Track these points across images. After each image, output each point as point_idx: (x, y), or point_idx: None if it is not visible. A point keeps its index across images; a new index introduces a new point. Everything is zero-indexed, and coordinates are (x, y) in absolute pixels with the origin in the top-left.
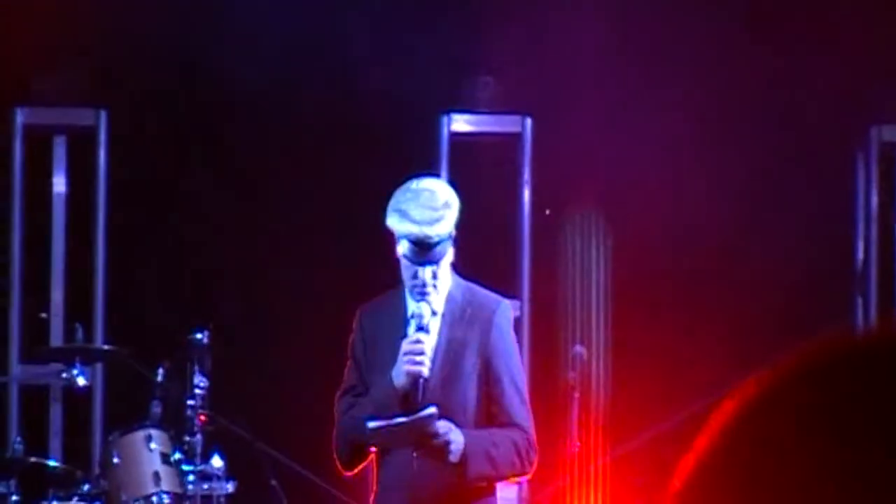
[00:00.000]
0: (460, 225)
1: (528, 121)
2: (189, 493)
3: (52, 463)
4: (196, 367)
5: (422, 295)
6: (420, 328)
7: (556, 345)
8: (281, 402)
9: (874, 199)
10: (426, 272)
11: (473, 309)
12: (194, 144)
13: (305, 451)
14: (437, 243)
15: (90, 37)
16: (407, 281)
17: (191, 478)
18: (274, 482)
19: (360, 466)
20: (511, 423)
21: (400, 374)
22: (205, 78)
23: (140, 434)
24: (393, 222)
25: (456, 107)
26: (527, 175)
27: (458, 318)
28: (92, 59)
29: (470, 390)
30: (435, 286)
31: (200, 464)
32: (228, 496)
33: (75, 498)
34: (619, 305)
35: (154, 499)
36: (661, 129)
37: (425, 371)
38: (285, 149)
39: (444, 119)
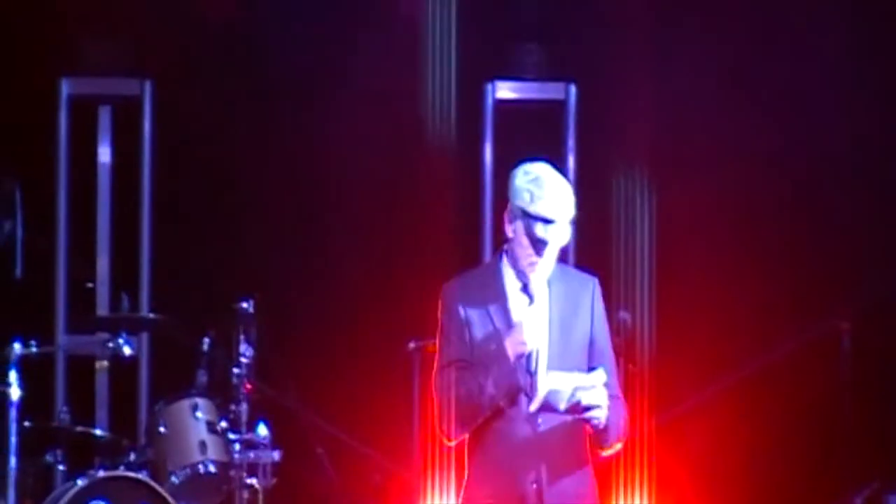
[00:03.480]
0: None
1: (573, 87)
2: (235, 462)
3: (98, 432)
4: (242, 336)
5: (537, 273)
6: (531, 301)
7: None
8: (326, 371)
9: None
10: (550, 251)
11: (574, 286)
12: (240, 113)
13: (351, 420)
14: (563, 223)
15: (135, 7)
16: (523, 258)
17: (236, 446)
18: (320, 450)
19: (466, 435)
20: (613, 395)
21: (516, 344)
22: (250, 47)
23: (186, 403)
24: (525, 201)
25: (501, 74)
26: (571, 142)
27: (563, 295)
28: (136, 29)
29: (580, 363)
30: (545, 265)
31: (246, 432)
32: (274, 464)
33: (122, 467)
34: (664, 270)
35: (200, 467)
36: (707, 92)
37: (539, 343)
38: (334, 117)
39: (489, 86)
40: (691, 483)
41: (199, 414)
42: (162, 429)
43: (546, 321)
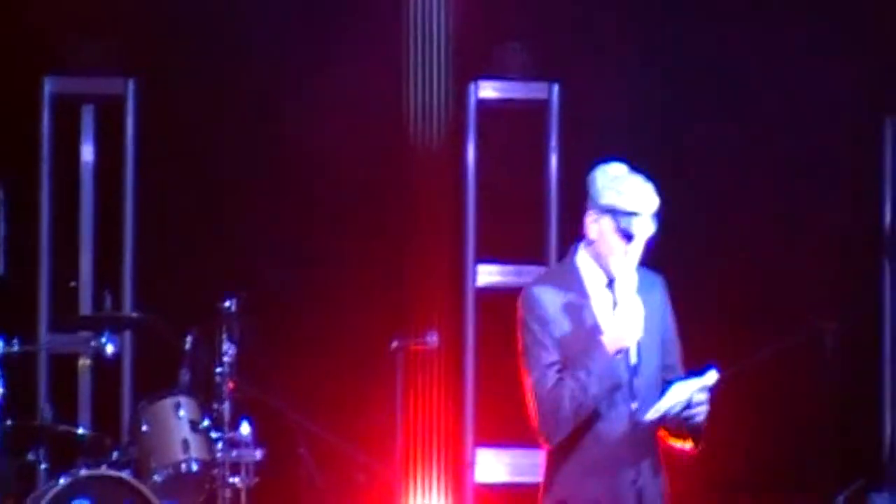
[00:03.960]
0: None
1: (556, 87)
2: (218, 461)
3: (81, 431)
4: (225, 335)
5: (627, 267)
6: (615, 299)
7: None
8: (310, 370)
9: None
10: (638, 246)
11: (645, 284)
12: (224, 112)
13: (334, 419)
14: (652, 215)
15: (119, 6)
16: (613, 254)
17: (219, 445)
18: (302, 449)
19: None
20: None
21: (615, 340)
22: (233, 45)
23: (169, 401)
24: (612, 199)
25: (484, 73)
26: (554, 142)
27: (642, 294)
28: (120, 28)
29: (658, 359)
30: (636, 260)
31: (229, 431)
32: (257, 463)
33: (104, 465)
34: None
35: (183, 466)
36: (688, 94)
37: (636, 336)
38: (318, 116)
39: (472, 86)
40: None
41: (181, 412)
42: (145, 427)
43: (641, 316)
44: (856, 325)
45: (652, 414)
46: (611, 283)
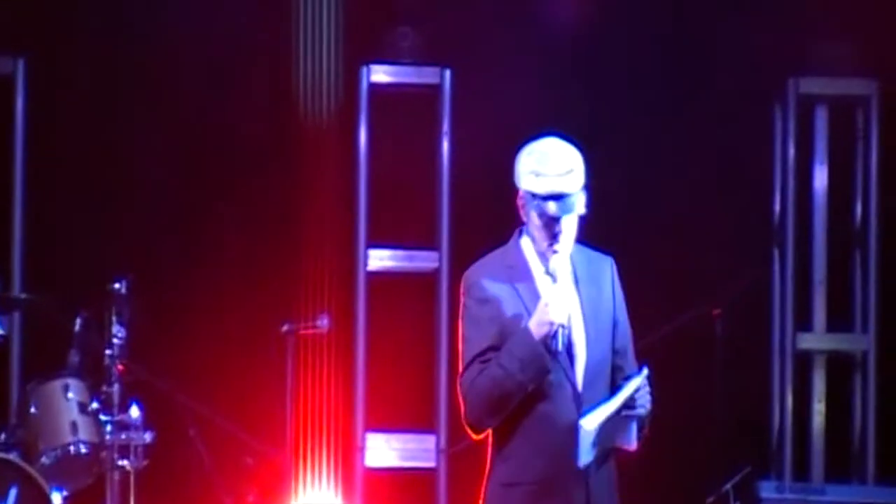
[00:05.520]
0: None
1: (448, 72)
2: (107, 443)
3: None
4: (115, 317)
5: (555, 251)
6: (554, 280)
7: None
8: (201, 353)
9: (791, 152)
10: (562, 227)
11: (593, 265)
12: (115, 91)
13: (224, 402)
14: (572, 195)
15: None
16: (541, 239)
17: (108, 427)
18: (192, 432)
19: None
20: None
21: (541, 324)
22: (123, 24)
23: (58, 383)
24: (529, 184)
25: (376, 56)
26: (446, 126)
27: (586, 275)
28: (10, 4)
29: (608, 344)
30: (567, 241)
31: (118, 413)
32: (146, 446)
33: None
34: None
35: (71, 448)
36: (583, 77)
37: (565, 320)
38: (210, 96)
39: (364, 70)
40: None
41: (70, 394)
42: (33, 409)
43: (576, 301)
44: (745, 311)
45: (589, 422)
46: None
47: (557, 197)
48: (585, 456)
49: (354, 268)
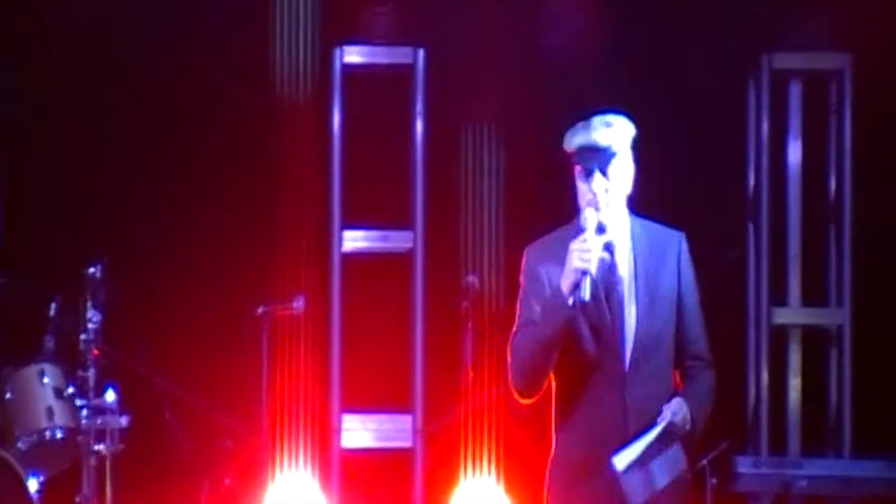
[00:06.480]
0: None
1: (421, 52)
2: (83, 428)
3: None
4: (90, 302)
5: (597, 207)
6: (601, 230)
7: (451, 275)
8: (176, 336)
9: (765, 127)
10: (598, 182)
11: (659, 240)
12: (86, 72)
13: (201, 385)
14: (606, 149)
15: None
16: (582, 198)
17: (84, 412)
18: (168, 416)
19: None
20: (700, 356)
21: (566, 274)
22: (97, 4)
23: (33, 369)
24: (566, 141)
25: (350, 37)
26: (419, 107)
27: (647, 250)
28: None
29: (668, 321)
30: (608, 203)
31: (94, 398)
32: (122, 430)
33: None
34: (512, 234)
35: (47, 433)
36: (554, 58)
37: (592, 268)
38: (183, 79)
39: (337, 51)
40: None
41: (46, 380)
42: (8, 395)
43: (630, 274)
44: (720, 287)
45: (621, 460)
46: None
47: (590, 149)
48: (636, 496)
49: (329, 249)
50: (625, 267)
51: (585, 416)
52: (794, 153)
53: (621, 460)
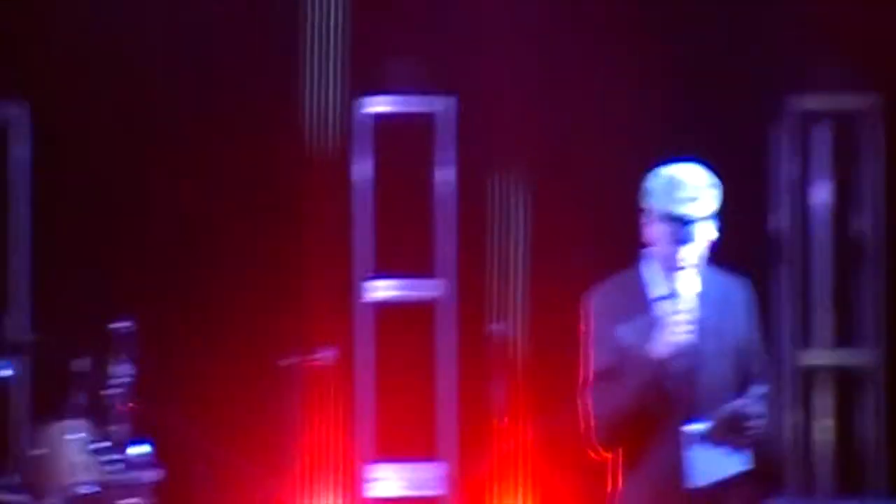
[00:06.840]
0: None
1: (450, 100)
2: (114, 483)
3: None
4: (120, 356)
5: (682, 268)
6: (677, 298)
7: (480, 323)
8: (208, 390)
9: (793, 169)
10: (695, 252)
11: (723, 287)
12: (116, 132)
13: (233, 437)
14: (704, 218)
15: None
16: (668, 261)
17: (116, 466)
18: (202, 468)
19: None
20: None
21: (663, 344)
22: (126, 58)
23: (64, 424)
24: (662, 205)
25: (377, 88)
26: (447, 155)
27: (713, 296)
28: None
29: (730, 369)
30: (695, 265)
31: (126, 452)
32: (155, 484)
33: (1, 490)
34: (542, 280)
35: (79, 489)
36: (584, 101)
37: (690, 340)
38: (213, 136)
39: (364, 100)
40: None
41: (77, 435)
42: (40, 451)
43: (696, 322)
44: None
45: (693, 428)
46: (674, 289)
47: (690, 221)
48: (700, 475)
49: (356, 298)
50: (691, 313)
51: (653, 459)
52: (823, 194)
53: (693, 428)
